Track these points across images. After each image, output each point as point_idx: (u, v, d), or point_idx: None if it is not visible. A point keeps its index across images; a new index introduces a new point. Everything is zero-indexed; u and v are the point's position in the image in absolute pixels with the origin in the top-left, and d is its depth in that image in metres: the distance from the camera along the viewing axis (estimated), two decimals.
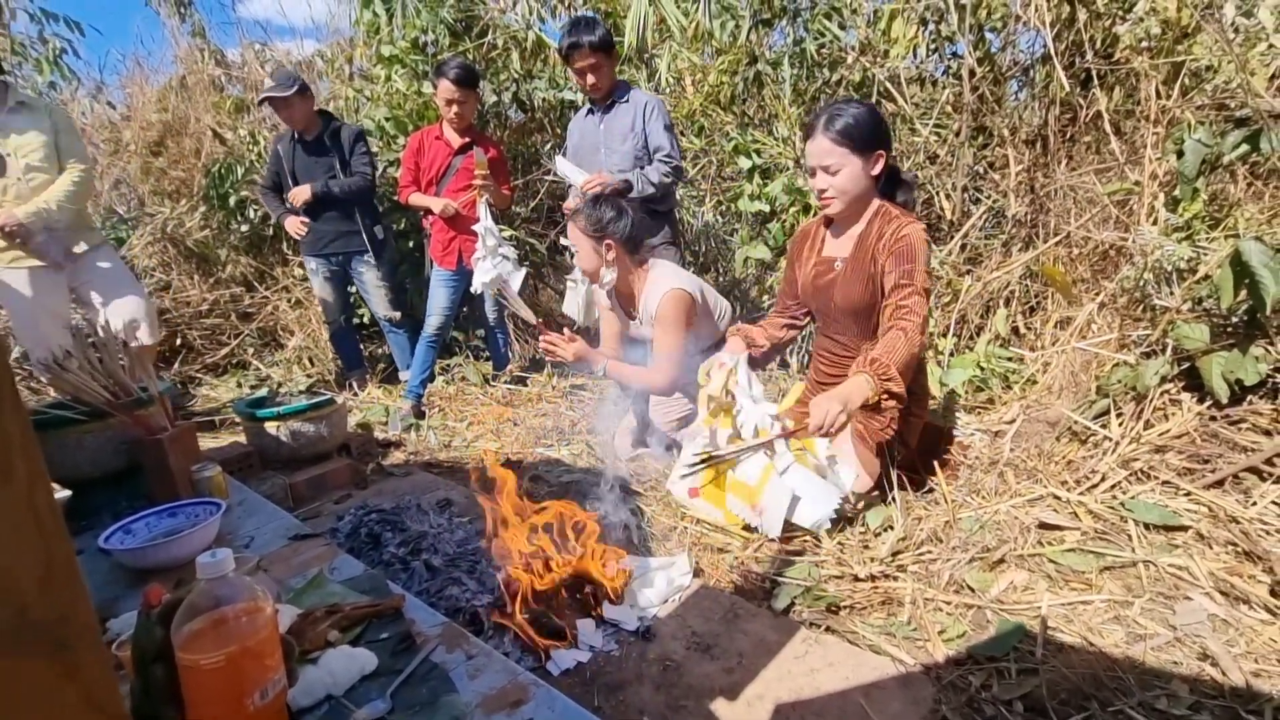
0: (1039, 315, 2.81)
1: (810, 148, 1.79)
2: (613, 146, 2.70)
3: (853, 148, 1.74)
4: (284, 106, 3.08)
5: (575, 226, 2.18)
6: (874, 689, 1.22)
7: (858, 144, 1.73)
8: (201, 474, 1.60)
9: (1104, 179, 2.68)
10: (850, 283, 1.85)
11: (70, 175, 2.65)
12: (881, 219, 1.81)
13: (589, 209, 2.16)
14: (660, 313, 2.12)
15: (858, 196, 1.80)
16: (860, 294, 1.83)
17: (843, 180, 1.77)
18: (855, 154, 1.74)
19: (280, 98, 3.03)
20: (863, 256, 1.82)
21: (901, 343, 1.64)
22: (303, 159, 3.23)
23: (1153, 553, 1.52)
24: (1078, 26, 2.71)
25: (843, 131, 1.72)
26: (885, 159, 1.79)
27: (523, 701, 0.92)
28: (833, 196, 1.80)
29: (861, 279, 1.82)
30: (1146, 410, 1.89)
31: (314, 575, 1.28)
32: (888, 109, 3.18)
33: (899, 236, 1.74)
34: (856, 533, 1.74)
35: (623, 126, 2.68)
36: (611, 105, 2.71)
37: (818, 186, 1.81)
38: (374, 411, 3.12)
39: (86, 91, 5.17)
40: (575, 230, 2.18)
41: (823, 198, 1.82)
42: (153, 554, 1.29)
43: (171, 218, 4.32)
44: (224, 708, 0.73)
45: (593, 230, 2.14)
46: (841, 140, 1.73)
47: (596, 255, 2.17)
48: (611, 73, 2.69)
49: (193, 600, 0.75)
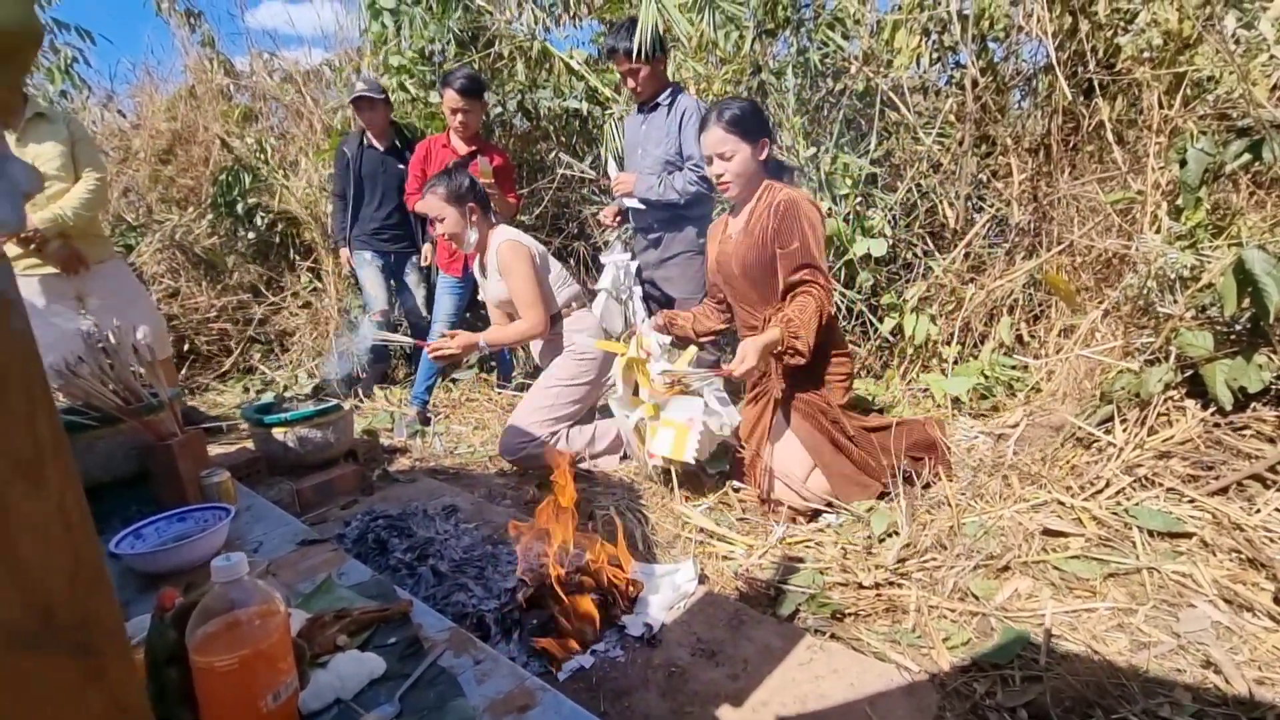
0: (1043, 323, 2.82)
1: (705, 139, 1.99)
2: (648, 149, 2.70)
3: (741, 135, 1.94)
4: (368, 109, 3.33)
5: (436, 197, 2.35)
6: (879, 696, 1.22)
7: (746, 132, 1.94)
8: (210, 479, 1.61)
9: (1107, 188, 2.69)
10: (742, 247, 2.02)
11: (86, 183, 2.69)
12: (768, 192, 2.01)
13: (446, 179, 2.37)
14: (502, 263, 2.35)
15: (749, 179, 2.00)
16: (754, 255, 1.99)
17: (736, 165, 1.97)
18: (744, 141, 1.95)
19: (367, 98, 3.30)
20: (754, 223, 2.00)
21: (811, 304, 1.86)
22: (370, 164, 3.42)
23: (1157, 560, 1.52)
24: (1080, 37, 2.73)
25: (732, 121, 1.93)
26: (769, 146, 2.00)
27: (530, 706, 0.93)
28: (729, 181, 1.99)
29: (753, 241, 1.99)
30: (1150, 416, 1.89)
31: (322, 580, 1.29)
32: (891, 118, 3.20)
33: (785, 201, 1.94)
34: (860, 539, 1.74)
35: (659, 131, 2.67)
36: (655, 107, 2.70)
37: (715, 173, 2.01)
38: (380, 418, 3.13)
39: (97, 100, 5.22)
40: (437, 200, 2.35)
41: (721, 183, 2.01)
42: (163, 559, 1.30)
43: (180, 225, 4.36)
44: (237, 710, 0.74)
45: (454, 198, 2.35)
46: (731, 129, 1.93)
47: (462, 219, 2.38)
48: (654, 76, 2.65)
49: (207, 603, 0.76)
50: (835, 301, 3.01)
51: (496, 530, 1.88)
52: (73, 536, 0.40)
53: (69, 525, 0.40)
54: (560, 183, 4.05)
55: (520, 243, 2.38)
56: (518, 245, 2.37)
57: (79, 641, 0.41)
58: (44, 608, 0.39)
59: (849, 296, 3.00)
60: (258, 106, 4.98)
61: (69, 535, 0.40)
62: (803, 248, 1.89)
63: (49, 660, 0.39)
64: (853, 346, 3.12)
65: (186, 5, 5.16)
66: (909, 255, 3.17)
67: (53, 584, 0.39)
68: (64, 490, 0.39)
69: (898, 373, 2.93)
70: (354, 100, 3.36)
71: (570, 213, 4.26)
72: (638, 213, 2.78)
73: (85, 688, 0.41)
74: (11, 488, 0.37)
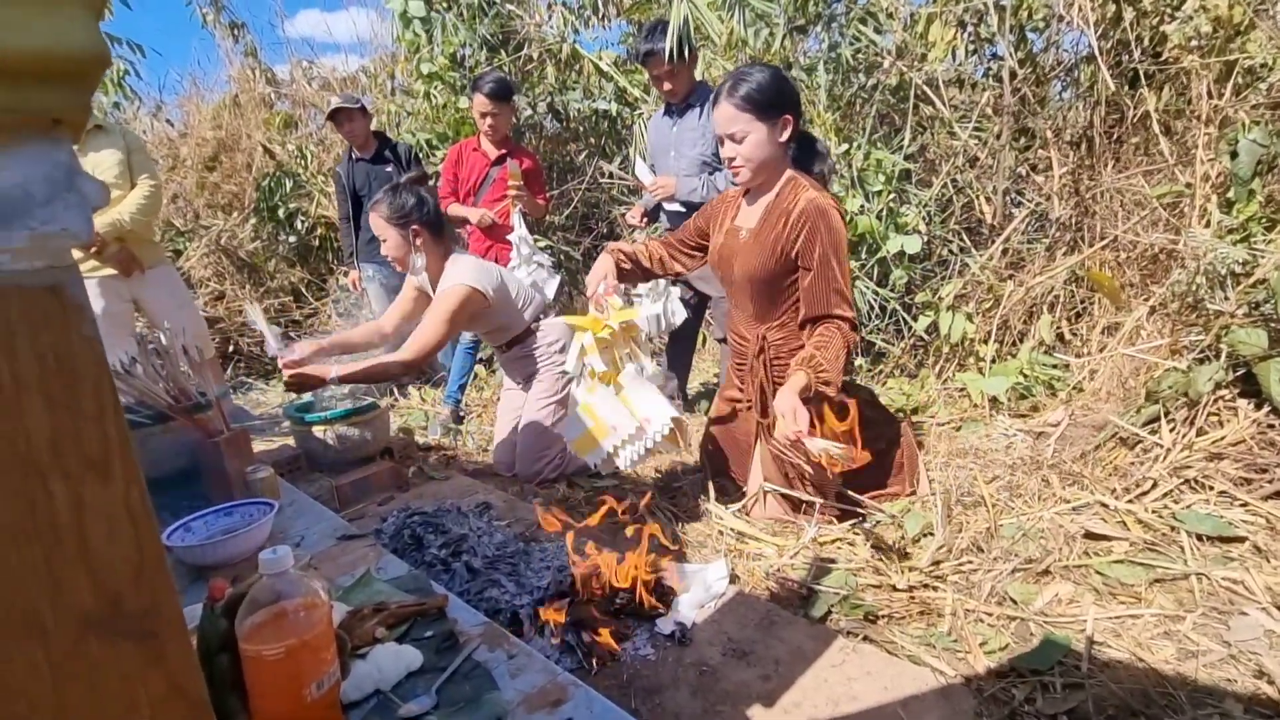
0: (1085, 321, 2.74)
1: (715, 115, 1.75)
2: (682, 151, 2.68)
3: (756, 113, 1.69)
4: (346, 120, 3.34)
5: (378, 215, 2.14)
6: (913, 700, 1.20)
7: (761, 109, 1.68)
8: (255, 475, 1.67)
9: (1153, 181, 2.60)
10: (750, 253, 1.80)
11: (141, 189, 2.82)
12: (791, 189, 1.76)
13: (389, 197, 2.14)
14: (438, 297, 2.11)
15: (765, 164, 1.75)
16: (760, 264, 1.78)
17: (749, 148, 1.72)
18: (760, 120, 1.69)
19: (346, 109, 3.32)
20: (767, 228, 1.77)
21: (837, 340, 1.68)
22: (362, 174, 3.45)
23: (1206, 565, 1.46)
24: (1124, 25, 2.64)
25: (745, 97, 1.67)
26: (794, 124, 1.74)
27: (562, 701, 0.95)
28: (740, 165, 1.75)
29: (763, 250, 1.77)
30: (1200, 417, 1.82)
31: (361, 574, 1.33)
32: (925, 113, 3.14)
33: (810, 210, 1.69)
34: (894, 539, 1.72)
35: (693, 131, 2.64)
36: (687, 108, 2.67)
37: (725, 155, 1.78)
38: (414, 416, 3.20)
39: (147, 110, 5.44)
40: (379, 220, 2.15)
41: (731, 166, 1.78)
42: (211, 551, 1.35)
43: (225, 230, 4.52)
44: (284, 697, 0.77)
45: (397, 219, 2.12)
46: (745, 106, 1.68)
47: (405, 242, 2.15)
48: (689, 77, 2.64)
49: (255, 595, 0.79)
50: (869, 300, 2.97)
51: (528, 527, 1.91)
52: (138, 529, 0.42)
53: (134, 518, 0.42)
54: (590, 183, 4.07)
55: (474, 290, 2.13)
56: (467, 294, 2.12)
57: (143, 628, 0.43)
58: (113, 595, 0.41)
59: (882, 294, 2.95)
60: (297, 114, 5.13)
61: (134, 528, 0.42)
62: (833, 272, 1.69)
63: (116, 644, 0.42)
64: (886, 345, 3.08)
65: (231, 17, 5.35)
66: (944, 252, 3.11)
67: (120, 573, 0.42)
68: (129, 485, 0.42)
69: (932, 372, 2.87)
70: (330, 115, 3.37)
71: (600, 213, 4.29)
72: (673, 214, 2.78)
73: (148, 671, 0.44)
74: (83, 483, 0.40)
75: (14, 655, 0.38)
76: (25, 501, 0.38)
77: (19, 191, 0.37)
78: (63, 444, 0.39)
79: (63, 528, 0.39)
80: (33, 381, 0.38)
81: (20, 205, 0.37)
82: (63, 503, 0.39)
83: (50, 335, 0.38)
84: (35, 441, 0.38)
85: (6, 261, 0.37)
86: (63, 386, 0.39)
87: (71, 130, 0.40)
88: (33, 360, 0.38)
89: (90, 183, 0.39)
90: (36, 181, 0.38)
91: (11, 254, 0.37)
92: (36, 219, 0.38)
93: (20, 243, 0.37)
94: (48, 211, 0.38)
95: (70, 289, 0.39)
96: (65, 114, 0.38)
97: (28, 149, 0.37)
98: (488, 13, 3.85)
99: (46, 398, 0.38)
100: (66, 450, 0.39)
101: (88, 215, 0.39)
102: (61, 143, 0.39)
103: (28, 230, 0.37)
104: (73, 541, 0.40)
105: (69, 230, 0.38)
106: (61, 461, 0.39)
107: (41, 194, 0.38)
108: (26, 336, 0.38)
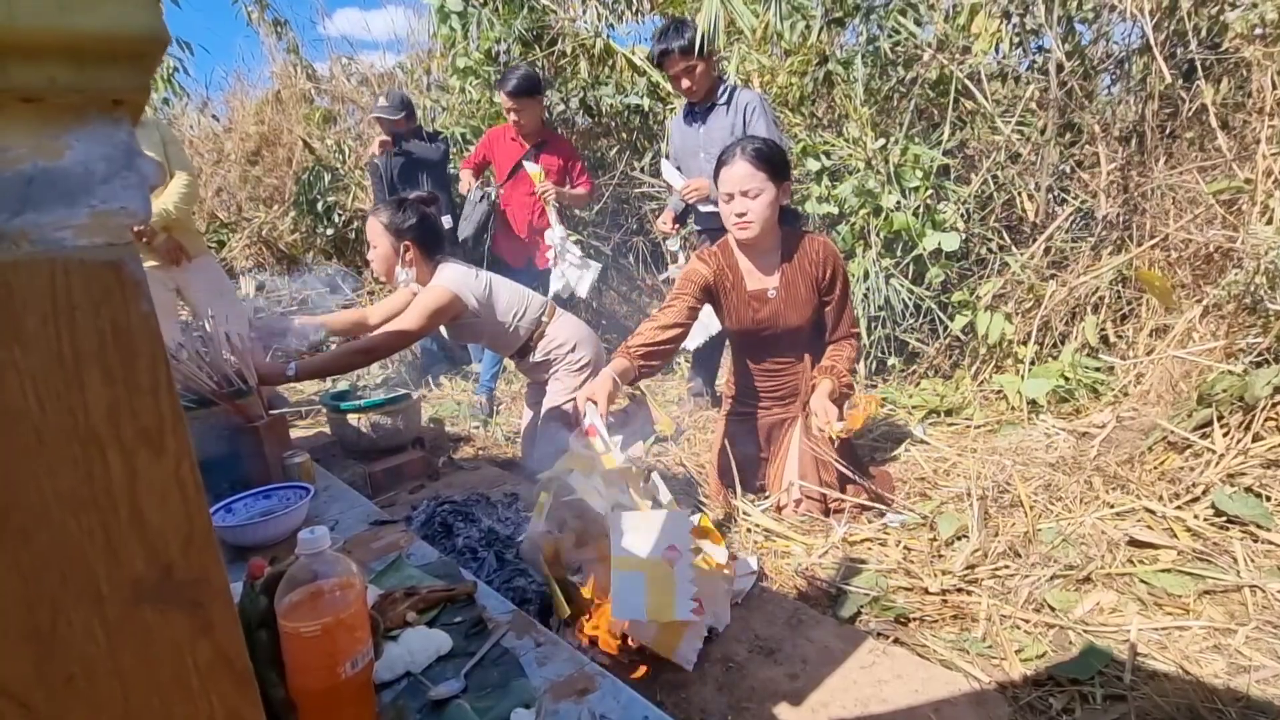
0: (1131, 322, 2.64)
1: (729, 174, 1.83)
2: (711, 152, 2.59)
3: (770, 174, 1.81)
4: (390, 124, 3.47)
5: (376, 220, 2.15)
6: (944, 704, 1.18)
7: (774, 171, 1.81)
8: (292, 460, 1.71)
9: (1208, 177, 2.49)
10: (790, 308, 1.94)
11: (179, 181, 2.91)
12: (796, 239, 1.95)
13: (391, 210, 2.15)
14: (421, 293, 2.11)
15: (769, 222, 1.86)
16: (806, 314, 1.95)
17: (761, 206, 1.82)
18: (772, 180, 1.82)
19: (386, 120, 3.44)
20: (798, 280, 1.93)
21: (849, 350, 1.98)
22: (399, 163, 3.53)
23: (1261, 577, 1.40)
24: (1180, 15, 2.54)
25: (761, 156, 1.80)
26: (789, 193, 1.90)
27: (589, 690, 0.95)
28: (751, 220, 1.83)
29: (801, 300, 1.94)
30: (1256, 422, 1.74)
31: (393, 559, 1.35)
32: (966, 107, 3.06)
33: (824, 250, 1.93)
34: (926, 540, 1.69)
35: (722, 130, 2.59)
36: (711, 107, 2.63)
37: (735, 211, 1.84)
38: (445, 407, 3.24)
39: (194, 106, 5.62)
40: (375, 225, 2.15)
41: (740, 221, 1.85)
42: (251, 532, 1.39)
43: (266, 222, 4.64)
44: (320, 674, 0.79)
45: (393, 230, 2.13)
46: (761, 165, 1.80)
47: (394, 254, 2.15)
48: (708, 74, 2.58)
49: (293, 573, 0.81)
50: (904, 298, 2.92)
51: None
52: (188, 502, 0.43)
53: (185, 491, 0.43)
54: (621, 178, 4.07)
55: (452, 294, 2.09)
56: (445, 296, 2.08)
57: (192, 598, 0.44)
58: (165, 565, 0.43)
59: (917, 293, 2.89)
60: (336, 109, 5.24)
61: (185, 500, 0.43)
62: (849, 299, 1.98)
63: (167, 613, 0.43)
64: (920, 345, 3.02)
65: (274, 15, 5.48)
66: (983, 250, 3.03)
67: (171, 543, 0.43)
68: (180, 458, 0.43)
69: (968, 373, 2.81)
70: (376, 118, 3.50)
71: (630, 208, 4.28)
72: (704, 215, 2.76)
73: (196, 639, 0.45)
74: (137, 454, 0.41)
75: (72, 619, 0.40)
76: (83, 471, 0.39)
77: (81, 169, 0.38)
78: (119, 416, 0.40)
79: (118, 497, 0.40)
80: (92, 355, 0.39)
81: (82, 183, 0.38)
82: (118, 473, 0.40)
83: (109, 310, 0.39)
84: (93, 413, 0.39)
85: (69, 238, 0.38)
86: (120, 360, 0.40)
87: (131, 111, 0.41)
88: (93, 334, 0.39)
89: (148, 163, 0.40)
90: (97, 160, 0.39)
91: (73, 230, 0.38)
92: (97, 197, 0.39)
93: (82, 220, 0.38)
94: (108, 190, 0.39)
95: (129, 266, 0.40)
96: (126, 94, 0.39)
97: (90, 128, 0.38)
98: (523, 7, 3.87)
99: (105, 371, 0.39)
100: (123, 422, 0.40)
101: (145, 195, 0.40)
102: (122, 123, 0.40)
103: (89, 208, 0.38)
104: (127, 511, 0.41)
105: (128, 209, 0.40)
106: (118, 433, 0.40)
107: (102, 172, 0.39)
108: (87, 311, 0.39)
